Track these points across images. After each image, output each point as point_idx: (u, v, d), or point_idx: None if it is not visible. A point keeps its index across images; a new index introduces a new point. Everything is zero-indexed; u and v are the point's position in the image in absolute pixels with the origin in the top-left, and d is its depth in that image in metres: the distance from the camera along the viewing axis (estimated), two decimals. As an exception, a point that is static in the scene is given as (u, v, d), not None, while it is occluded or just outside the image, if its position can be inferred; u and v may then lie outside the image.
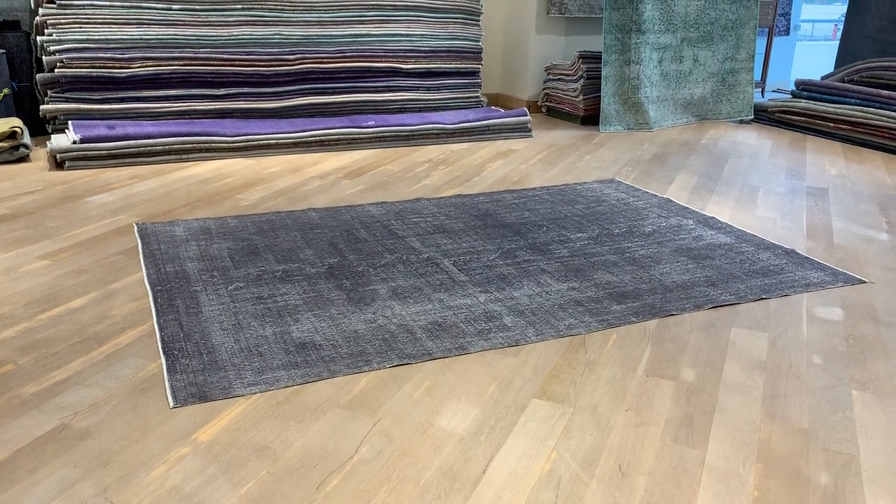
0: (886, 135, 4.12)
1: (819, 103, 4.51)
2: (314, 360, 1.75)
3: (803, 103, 4.59)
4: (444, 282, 2.21)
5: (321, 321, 1.94)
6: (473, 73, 4.60)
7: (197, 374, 1.68)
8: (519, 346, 1.85)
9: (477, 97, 4.61)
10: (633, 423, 1.54)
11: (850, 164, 3.82)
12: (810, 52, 9.94)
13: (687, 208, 2.98)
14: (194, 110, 3.92)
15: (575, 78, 4.60)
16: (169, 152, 3.51)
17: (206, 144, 3.58)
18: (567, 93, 4.68)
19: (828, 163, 3.84)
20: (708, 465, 1.41)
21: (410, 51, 4.40)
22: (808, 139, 4.41)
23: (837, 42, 5.47)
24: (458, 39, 4.54)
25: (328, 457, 1.40)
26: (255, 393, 1.61)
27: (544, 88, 4.91)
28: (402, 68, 4.36)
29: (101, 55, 3.73)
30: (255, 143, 3.67)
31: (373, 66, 4.29)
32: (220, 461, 1.38)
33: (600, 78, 4.51)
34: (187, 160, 3.53)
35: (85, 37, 3.75)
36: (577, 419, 1.55)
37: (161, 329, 1.88)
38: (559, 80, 4.74)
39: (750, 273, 2.34)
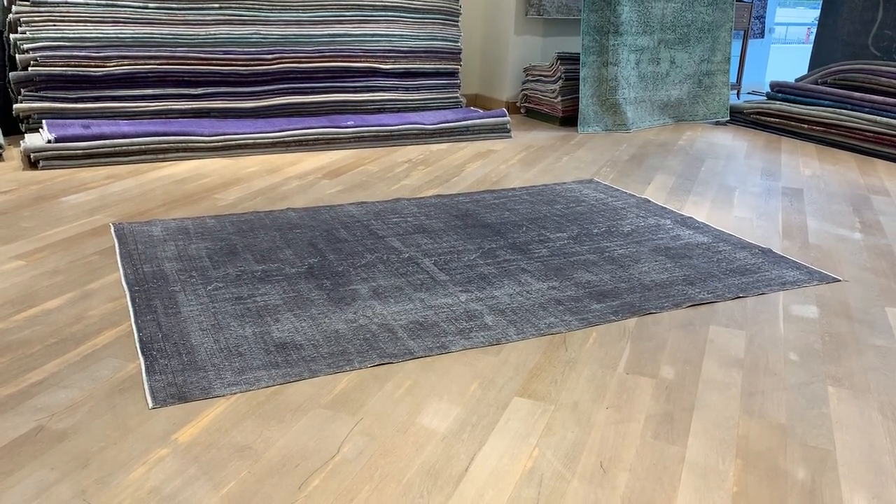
0: (858, 136, 4.19)
1: (793, 105, 4.57)
2: (295, 360, 1.74)
3: (778, 105, 4.65)
4: (424, 281, 2.21)
5: (301, 321, 1.93)
6: (452, 74, 4.61)
7: (176, 375, 1.66)
8: (500, 345, 1.85)
9: (456, 98, 4.61)
10: (613, 420, 1.56)
11: (823, 165, 3.87)
12: (784, 55, 10.08)
13: (665, 208, 3.01)
14: (171, 109, 3.88)
15: (553, 79, 4.62)
16: (145, 152, 3.47)
17: (184, 144, 3.54)
18: (545, 94, 4.71)
19: (802, 163, 3.90)
20: (688, 461, 1.43)
21: (389, 51, 4.40)
22: (783, 140, 4.47)
23: (810, 45, 5.56)
24: (437, 40, 4.54)
25: (310, 456, 1.40)
26: (235, 393, 1.60)
27: (523, 89, 4.93)
28: (380, 68, 4.36)
29: (76, 54, 3.69)
30: (233, 142, 3.64)
31: (351, 66, 4.28)
32: (200, 462, 1.37)
33: (578, 79, 4.54)
34: (164, 160, 3.50)
35: (59, 35, 3.70)
36: (559, 417, 1.56)
37: (139, 329, 1.86)
38: (538, 81, 4.77)
39: (727, 272, 2.37)
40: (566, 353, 1.83)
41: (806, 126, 4.47)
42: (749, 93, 6.18)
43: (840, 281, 2.34)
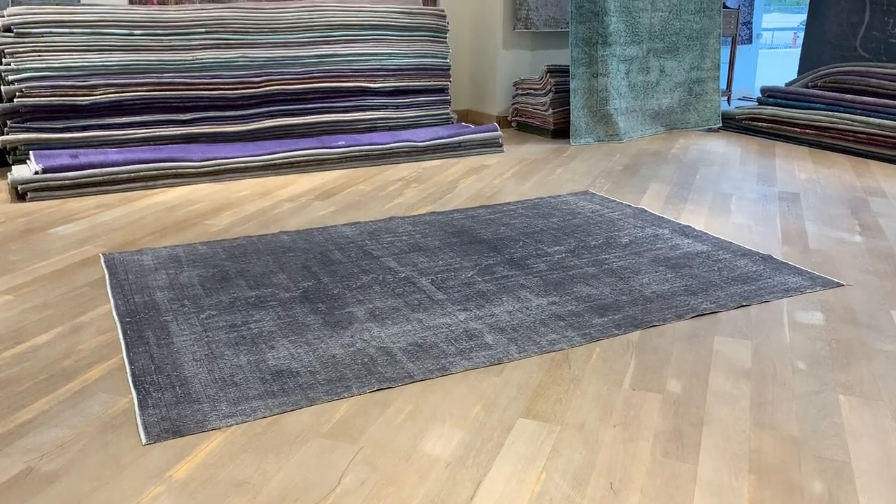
0: (852, 138, 4.18)
1: (785, 109, 4.56)
2: (291, 388, 1.69)
3: (770, 110, 4.64)
4: (422, 301, 2.17)
5: (297, 347, 1.89)
6: (442, 91, 4.59)
7: (170, 408, 1.61)
8: (502, 365, 1.81)
9: (447, 114, 4.59)
10: (621, 438, 1.51)
11: (818, 169, 3.86)
12: (772, 60, 10.12)
13: (662, 218, 2.98)
14: (160, 136, 3.85)
15: (543, 92, 4.61)
16: (135, 180, 3.43)
17: (173, 170, 3.51)
18: (536, 107, 4.69)
19: (797, 168, 3.88)
20: (700, 478, 1.38)
21: (378, 70, 4.38)
22: (776, 145, 4.46)
23: (797, 49, 5.57)
24: (426, 57, 4.52)
25: (310, 489, 1.35)
26: (231, 425, 1.55)
27: (513, 103, 4.91)
28: (370, 87, 4.34)
29: (61, 83, 3.66)
30: (223, 167, 3.60)
31: (341, 87, 4.25)
32: (196, 499, 1.32)
33: (569, 91, 4.52)
34: (154, 187, 3.46)
35: (44, 65, 3.67)
36: (565, 437, 1.51)
37: (131, 362, 1.82)
38: (528, 94, 4.75)
39: (729, 280, 2.33)
40: (570, 370, 1.79)
41: (798, 130, 4.45)
42: (739, 99, 6.19)
43: (843, 285, 2.31)
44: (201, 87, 3.95)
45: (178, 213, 3.08)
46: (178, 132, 3.90)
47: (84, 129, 3.71)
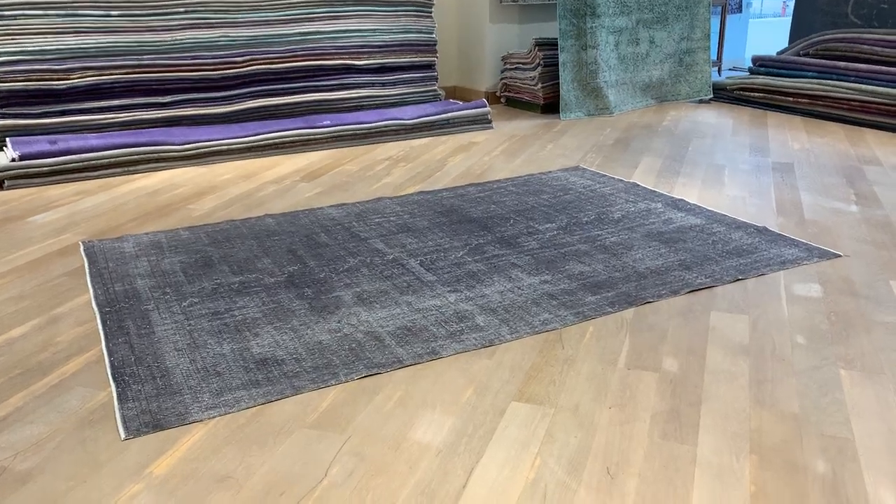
0: (845, 106, 4.12)
1: (777, 78, 4.50)
2: (276, 377, 1.64)
3: (761, 79, 4.57)
4: (411, 283, 2.11)
5: (282, 334, 1.83)
6: (429, 66, 4.50)
7: (150, 401, 1.56)
8: (493, 347, 1.76)
9: (434, 91, 4.51)
10: (617, 420, 1.46)
11: (812, 138, 3.80)
12: (762, 29, 10.02)
13: (654, 192, 2.92)
14: (140, 120, 3.76)
15: (532, 66, 4.52)
16: (115, 165, 3.35)
17: (155, 154, 3.42)
18: (525, 81, 4.61)
19: (790, 137, 3.82)
20: (700, 460, 1.34)
21: (363, 46, 4.28)
22: (769, 115, 4.40)
23: (787, 18, 5.48)
24: (412, 32, 4.43)
25: (296, 482, 1.30)
26: (213, 417, 1.50)
27: (502, 78, 4.83)
28: (355, 65, 4.24)
29: (37, 67, 3.55)
30: (206, 150, 3.52)
31: (325, 64, 4.16)
32: (177, 496, 1.27)
33: (558, 65, 4.44)
34: (135, 172, 3.38)
35: (19, 49, 3.56)
36: (560, 421, 1.46)
37: (110, 354, 1.76)
38: (516, 69, 4.67)
39: (724, 254, 2.28)
40: (563, 350, 1.74)
41: (791, 99, 4.39)
42: (730, 69, 6.11)
43: (840, 256, 2.26)
44: (182, 68, 3.86)
45: (159, 198, 3.00)
46: (159, 115, 3.81)
47: (62, 114, 3.62)
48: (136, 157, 3.38)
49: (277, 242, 2.46)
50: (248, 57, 3.98)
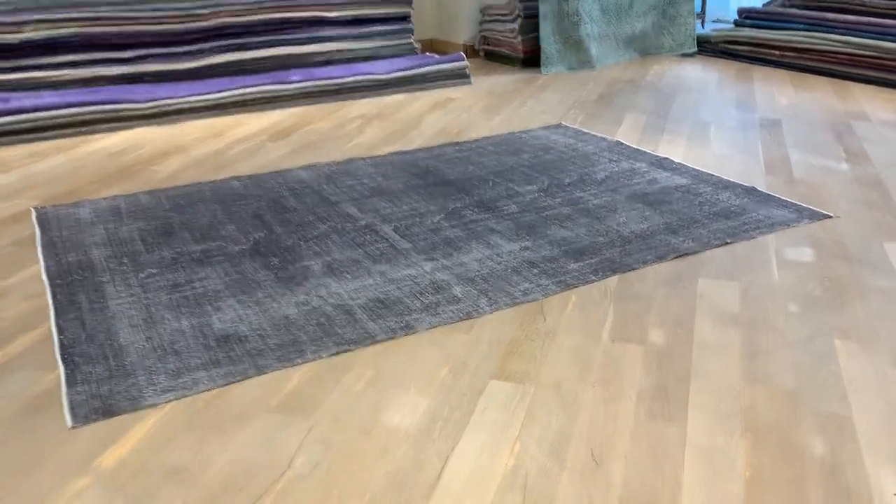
0: (833, 59, 4.00)
1: (763, 31, 4.36)
2: (238, 356, 1.53)
3: (747, 32, 4.44)
4: (384, 251, 2.00)
5: (246, 308, 1.72)
6: (404, 18, 4.31)
7: (101, 384, 1.44)
8: (471, 320, 1.66)
9: (410, 44, 4.33)
10: (602, 398, 1.38)
11: (799, 93, 3.69)
12: (745, -19, 9.83)
13: (638, 150, 2.81)
14: (100, 76, 3.56)
15: (512, 18, 4.35)
16: (73, 125, 3.17)
17: (116, 113, 3.24)
18: (505, 34, 4.44)
19: (777, 92, 3.71)
20: (690, 442, 1.25)
21: (334, -2, 4.08)
22: (755, 69, 4.28)
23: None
24: (386, -17, 4.23)
25: (256, 474, 1.20)
26: (169, 401, 1.39)
27: (481, 31, 4.65)
28: (326, 17, 4.05)
29: (-14, 20, 3.34)
30: (170, 108, 3.35)
31: (294, 17, 3.96)
32: (126, 492, 1.17)
33: (538, 16, 4.27)
34: (94, 132, 3.20)
35: (-35, 0, 3.34)
36: (541, 400, 1.37)
37: (60, 331, 1.63)
38: (495, 21, 4.49)
39: (711, 216, 2.19)
40: (544, 322, 1.64)
41: (777, 52, 4.27)
42: (713, 21, 5.95)
43: (832, 217, 2.17)
44: (144, 21, 3.65)
45: (120, 159, 2.84)
46: (120, 71, 3.61)
47: (14, 70, 3.41)
48: (95, 115, 3.21)
49: (243, 207, 2.32)
50: (212, 9, 3.77)
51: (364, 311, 1.69)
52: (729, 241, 2.02)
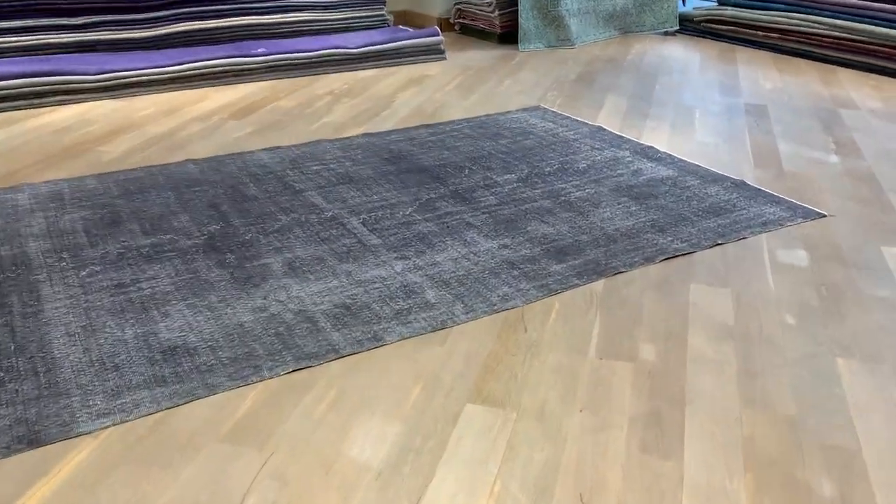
0: (816, 42, 3.89)
1: (746, 10, 4.23)
2: (186, 372, 1.37)
3: (730, 11, 4.31)
4: (351, 248, 1.85)
5: (197, 314, 1.55)
6: (376, -11, 4.10)
7: (28, 406, 1.28)
8: (446, 329, 1.52)
9: (382, 16, 4.12)
10: (590, 427, 1.25)
11: (784, 77, 3.58)
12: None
13: (621, 137, 2.67)
14: (47, 44, 3.32)
15: (489, -9, 4.16)
16: (17, 97, 2.94)
17: (64, 86, 3.02)
18: (481, 8, 4.25)
19: (761, 76, 3.59)
20: (688, 481, 1.13)
21: (302, -35, 3.86)
22: (737, 50, 4.15)
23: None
24: (357, -50, 4.01)
25: (201, 521, 1.06)
26: (106, 426, 1.24)
27: (456, 4, 4.45)
28: (293, -14, 3.82)
29: (-80, -20, 3.08)
30: (124, 80, 3.12)
31: (259, -16, 3.74)
32: (49, 543, 1.02)
33: (516, -10, 4.09)
34: (40, 106, 2.97)
35: None
36: (523, 429, 1.24)
37: (-14, 340, 1.46)
38: (471, -7, 4.30)
39: (699, 213, 2.06)
40: (525, 334, 1.51)
41: (761, 33, 4.14)
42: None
43: (825, 216, 2.06)
44: (95, -15, 3.40)
45: (67, 137, 2.63)
46: (70, 39, 3.37)
47: (-47, 36, 3.16)
48: (41, 88, 2.98)
49: (198, 195, 2.15)
50: (171, -26, 3.53)
51: (328, 318, 1.54)
52: (720, 241, 1.90)
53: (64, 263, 1.76)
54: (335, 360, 1.42)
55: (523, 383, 1.35)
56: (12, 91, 2.92)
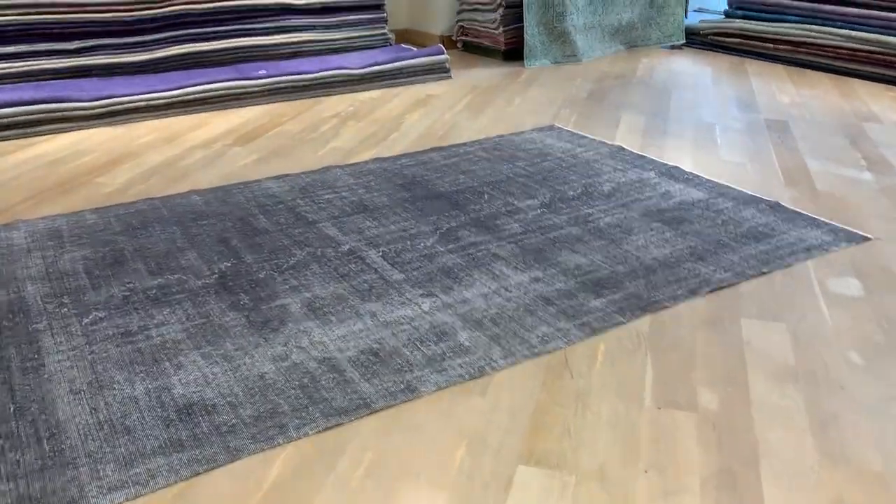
0: (831, 53, 3.81)
1: (755, 23, 4.15)
2: (205, 434, 1.24)
3: (738, 23, 4.23)
4: (373, 284, 1.72)
5: (212, 364, 1.43)
6: (378, 7, 4.00)
7: (32, 479, 1.15)
8: (485, 377, 1.39)
9: (384, 34, 4.02)
10: (659, 490, 1.13)
11: (799, 90, 3.49)
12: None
13: (643, 157, 2.57)
14: (40, 70, 3.20)
15: (492, 7, 4.07)
16: (9, 126, 2.81)
17: (58, 113, 2.89)
18: (485, 24, 4.16)
19: (776, 89, 3.50)
20: (777, 555, 1.01)
21: (302, -16, 3.76)
22: (748, 63, 4.07)
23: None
24: (357, -32, 3.91)
25: None
26: (119, 503, 1.10)
27: (458, 21, 4.36)
28: (293, 4, 3.72)
29: None
30: (121, 106, 3.00)
31: (258, 4, 3.63)
32: None
33: (520, 6, 4.00)
34: (34, 135, 2.85)
35: None
36: (585, 494, 1.12)
37: (-18, 401, 1.33)
38: (475, 10, 4.20)
39: (738, 238, 1.95)
40: (572, 380, 1.38)
41: (771, 45, 4.06)
42: (695, 10, 5.74)
43: (870, 239, 1.96)
44: (90, 8, 3.29)
45: (62, 168, 2.50)
46: (65, 64, 3.25)
47: (-59, 63, 3.04)
48: (35, 116, 2.85)
49: (206, 229, 2.02)
50: (167, -5, 3.42)
51: (355, 366, 1.42)
52: (765, 270, 1.79)
53: (65, 309, 1.62)
54: (367, 415, 1.29)
55: (578, 440, 1.23)
56: (3, 120, 2.79)
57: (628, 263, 1.82)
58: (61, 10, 3.25)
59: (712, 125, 2.95)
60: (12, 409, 1.31)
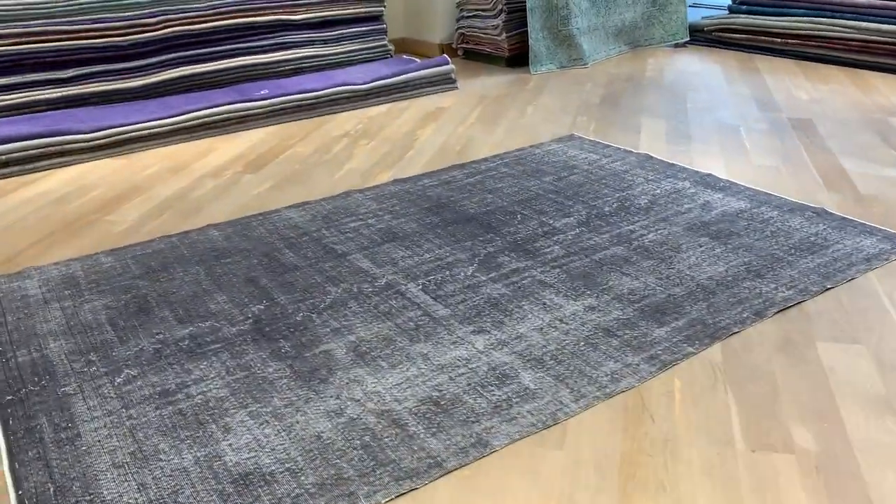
0: (841, 46, 3.74)
1: (761, 17, 4.08)
2: (269, 511, 1.14)
3: (743, 19, 4.15)
4: (419, 322, 1.62)
5: (263, 425, 1.32)
6: (377, 18, 3.89)
7: (83, 575, 1.04)
8: (559, 425, 1.29)
9: (385, 46, 3.92)
10: (774, 550, 1.03)
11: (815, 85, 3.41)
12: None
13: (673, 165, 2.48)
14: (35, 101, 3.07)
15: (494, 13, 3.97)
16: (7, 164, 2.69)
17: (57, 147, 2.76)
18: (487, 31, 4.06)
19: (791, 85, 3.42)
20: None
21: (298, -2, 3.65)
22: (756, 59, 3.99)
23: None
24: (353, -21, 3.80)
25: None
26: None
27: (458, 28, 4.26)
28: (292, 20, 3.61)
29: None
30: (122, 136, 2.88)
31: (256, 22, 3.51)
32: None
33: (522, 11, 3.90)
34: (33, 171, 2.72)
35: None
36: (695, 560, 1.02)
37: (17, 482, 1.21)
38: (475, 16, 4.10)
39: (792, 251, 1.86)
40: (654, 424, 1.29)
41: (779, 40, 3.99)
42: (691, 6, 5.67)
43: (929, 245, 1.88)
44: (83, 34, 3.16)
45: (68, 207, 2.38)
46: (60, 94, 3.12)
47: (-69, 100, 2.90)
48: (32, 151, 2.72)
49: (231, 268, 1.91)
50: (162, 17, 3.30)
51: (417, 419, 1.31)
52: (829, 285, 1.70)
53: (94, 368, 1.51)
54: (441, 476, 1.19)
55: (676, 494, 1.13)
56: (1, 158, 2.66)
57: (684, 285, 1.72)
58: (53, 37, 3.12)
59: (736, 127, 2.86)
60: (52, 489, 1.20)
